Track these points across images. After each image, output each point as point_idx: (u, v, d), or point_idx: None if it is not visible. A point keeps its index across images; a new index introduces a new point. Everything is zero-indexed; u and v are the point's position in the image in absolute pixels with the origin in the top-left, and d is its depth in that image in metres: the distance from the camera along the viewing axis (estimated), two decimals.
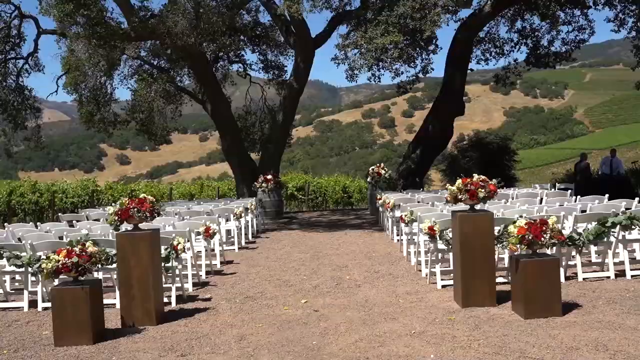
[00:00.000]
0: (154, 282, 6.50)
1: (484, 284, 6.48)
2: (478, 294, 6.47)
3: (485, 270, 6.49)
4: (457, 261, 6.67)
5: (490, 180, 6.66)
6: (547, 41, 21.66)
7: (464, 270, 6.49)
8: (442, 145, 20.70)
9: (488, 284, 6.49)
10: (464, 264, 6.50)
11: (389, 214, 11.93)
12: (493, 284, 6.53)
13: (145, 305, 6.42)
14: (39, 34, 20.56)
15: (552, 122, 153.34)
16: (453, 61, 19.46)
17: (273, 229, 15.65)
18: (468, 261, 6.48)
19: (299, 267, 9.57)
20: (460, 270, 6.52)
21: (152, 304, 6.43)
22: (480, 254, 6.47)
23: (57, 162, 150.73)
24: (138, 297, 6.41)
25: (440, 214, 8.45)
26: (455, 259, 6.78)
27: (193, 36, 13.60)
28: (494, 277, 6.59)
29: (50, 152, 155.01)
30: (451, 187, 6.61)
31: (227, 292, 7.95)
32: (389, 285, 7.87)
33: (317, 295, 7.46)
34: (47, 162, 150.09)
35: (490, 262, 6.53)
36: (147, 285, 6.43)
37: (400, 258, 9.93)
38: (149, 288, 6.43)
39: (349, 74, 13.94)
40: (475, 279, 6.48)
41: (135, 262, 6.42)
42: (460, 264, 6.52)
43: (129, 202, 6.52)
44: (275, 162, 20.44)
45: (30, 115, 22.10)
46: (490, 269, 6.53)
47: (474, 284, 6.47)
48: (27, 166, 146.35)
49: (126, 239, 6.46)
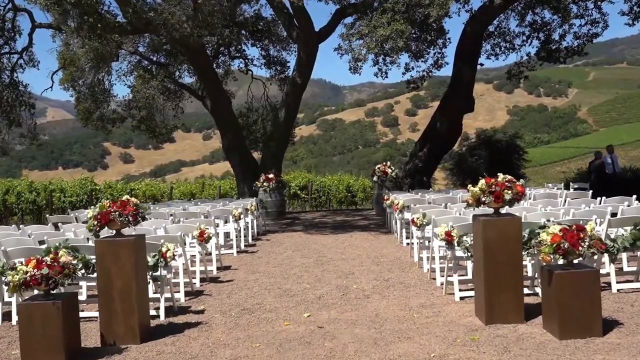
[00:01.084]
0: (138, 294, 5.77)
1: (511, 298, 5.73)
2: (504, 309, 5.72)
3: (512, 282, 5.74)
4: (479, 271, 5.92)
5: (517, 181, 5.91)
6: (559, 35, 20.88)
7: (488, 282, 5.74)
8: (451, 143, 19.94)
9: (515, 297, 5.74)
10: (487, 275, 5.75)
11: (398, 215, 11.18)
12: (521, 298, 5.78)
13: (128, 320, 5.69)
14: (34, 27, 19.83)
15: (556, 120, 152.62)
16: (462, 56, 18.69)
17: (275, 230, 14.92)
18: (492, 272, 5.74)
19: (302, 273, 8.83)
20: (483, 282, 5.77)
21: (136, 319, 5.70)
22: (507, 263, 5.73)
23: (61, 160, 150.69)
24: (120, 312, 5.69)
25: (456, 218, 7.70)
26: (477, 269, 6.03)
27: (189, 26, 12.85)
28: (522, 290, 5.85)
29: (54, 150, 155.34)
30: (473, 188, 5.86)
31: (222, 303, 7.21)
32: (400, 296, 7.13)
33: (321, 308, 6.72)
34: (51, 161, 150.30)
35: (517, 273, 5.78)
36: (130, 298, 5.71)
37: (411, 264, 9.18)
38: (132, 301, 5.70)
39: (352, 65, 13.16)
40: (500, 292, 5.73)
41: (117, 272, 5.69)
42: (484, 274, 5.77)
43: (109, 205, 5.78)
44: (278, 160, 19.71)
45: (25, 111, 21.35)
46: (518, 280, 5.79)
47: (499, 298, 5.72)
48: (30, 165, 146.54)
49: (106, 246, 5.72)
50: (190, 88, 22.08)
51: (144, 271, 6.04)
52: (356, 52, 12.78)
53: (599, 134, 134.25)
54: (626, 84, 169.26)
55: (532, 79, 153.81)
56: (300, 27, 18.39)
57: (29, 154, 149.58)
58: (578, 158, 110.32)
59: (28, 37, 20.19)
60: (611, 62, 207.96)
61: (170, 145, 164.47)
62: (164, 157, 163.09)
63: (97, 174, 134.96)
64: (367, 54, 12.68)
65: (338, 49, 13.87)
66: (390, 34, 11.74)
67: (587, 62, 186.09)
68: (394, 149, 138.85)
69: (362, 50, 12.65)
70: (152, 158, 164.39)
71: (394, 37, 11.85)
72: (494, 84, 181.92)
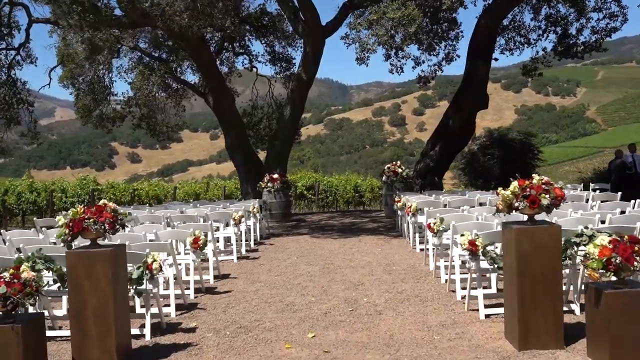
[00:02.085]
0: (116, 313, 4.99)
1: (549, 320, 4.91)
2: (540, 332, 4.91)
3: (551, 301, 4.92)
4: (511, 288, 5.11)
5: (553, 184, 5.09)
6: (576, 30, 19.97)
7: (522, 300, 4.93)
8: (464, 141, 19.08)
9: (554, 319, 4.92)
10: (521, 293, 4.93)
11: (410, 219, 10.37)
12: (560, 320, 4.96)
13: (104, 343, 4.92)
14: (30, 22, 19.15)
15: (564, 120, 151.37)
16: (476, 50, 17.82)
17: (279, 233, 14.15)
18: (527, 289, 4.92)
19: (307, 284, 8.03)
20: (516, 301, 4.96)
21: (113, 342, 4.93)
22: (544, 279, 4.91)
23: (69, 160, 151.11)
24: (94, 334, 4.92)
25: (478, 224, 6.90)
26: (508, 285, 5.22)
27: (187, 16, 12.09)
28: (562, 311, 5.03)
29: (62, 150, 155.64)
30: (504, 191, 5.04)
31: (216, 320, 6.43)
32: (417, 312, 6.32)
33: (327, 326, 5.93)
34: (59, 161, 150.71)
35: (556, 290, 4.96)
36: (107, 317, 4.93)
37: (426, 273, 8.36)
38: (108, 321, 4.93)
39: (359, 55, 12.32)
40: (536, 312, 4.91)
41: (91, 287, 4.92)
42: (517, 291, 4.95)
43: (83, 210, 5.01)
44: (283, 160, 18.90)
45: (24, 109, 20.67)
46: (557, 299, 4.97)
47: (535, 319, 4.91)
48: (39, 164, 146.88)
49: (78, 259, 4.95)
50: (192, 84, 21.36)
51: (123, 286, 5.27)
52: (364, 42, 11.93)
53: (607, 133, 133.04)
54: (635, 82, 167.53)
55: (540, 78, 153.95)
56: (306, 21, 17.62)
57: (38, 153, 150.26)
58: (586, 158, 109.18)
59: (25, 32, 19.52)
60: (620, 61, 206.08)
61: (177, 145, 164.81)
62: (172, 156, 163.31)
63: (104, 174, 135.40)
64: (375, 43, 11.83)
65: (345, 37, 13.05)
66: (401, 18, 10.88)
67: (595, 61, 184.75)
68: (401, 149, 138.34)
69: (370, 39, 11.80)
70: (160, 158, 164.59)
71: (405, 23, 11.00)
72: (501, 83, 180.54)
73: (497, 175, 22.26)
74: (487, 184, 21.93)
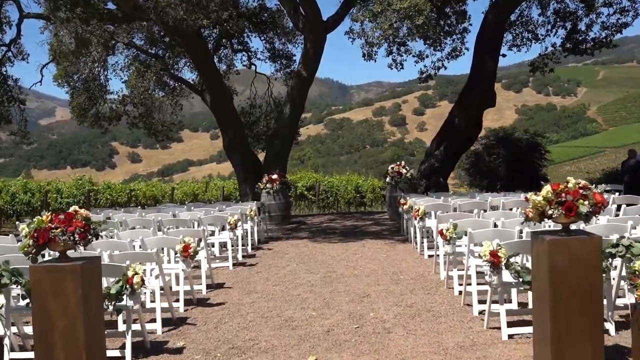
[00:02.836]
0: (87, 336, 4.33)
1: (587, 344, 4.24)
2: (578, 357, 4.25)
3: (590, 324, 4.26)
4: (542, 307, 4.45)
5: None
6: (585, 25, 19.31)
7: (556, 322, 4.27)
8: (470, 140, 18.43)
9: (594, 344, 4.25)
10: (555, 313, 4.27)
11: (418, 224, 9.70)
12: (600, 344, 4.29)
13: None
14: (22, 17, 18.49)
15: (565, 120, 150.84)
16: (483, 46, 17.19)
17: (278, 237, 13.50)
18: (562, 308, 4.26)
19: (307, 295, 7.37)
20: (549, 322, 4.29)
21: None
22: (582, 297, 4.24)
23: (69, 160, 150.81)
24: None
25: (497, 231, 6.24)
26: (538, 304, 4.56)
27: (182, 9, 11.43)
28: (602, 333, 4.37)
29: (62, 150, 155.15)
30: (535, 197, 4.37)
31: (207, 338, 5.77)
32: (430, 330, 5.66)
33: (330, 347, 5.27)
34: (60, 160, 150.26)
35: (597, 311, 4.30)
36: (77, 341, 4.26)
37: (437, 283, 7.70)
38: (79, 346, 4.26)
39: (366, 50, 11.65)
40: (573, 336, 4.24)
41: (59, 308, 4.25)
42: (550, 312, 4.29)
43: (51, 219, 4.35)
44: (282, 159, 18.27)
45: (15, 107, 20.02)
46: (597, 322, 4.30)
47: (572, 344, 4.24)
48: (39, 164, 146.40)
49: (44, 274, 4.29)
50: (189, 82, 20.73)
51: (97, 305, 4.60)
52: (369, 36, 11.27)
53: (608, 133, 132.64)
54: (636, 82, 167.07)
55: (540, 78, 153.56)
56: (307, 16, 17.01)
57: (38, 153, 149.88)
58: (587, 158, 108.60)
59: (16, 28, 18.88)
60: (621, 60, 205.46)
61: (178, 145, 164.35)
62: (172, 156, 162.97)
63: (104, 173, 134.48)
64: (381, 37, 11.16)
65: (349, 32, 12.39)
66: (407, 10, 10.21)
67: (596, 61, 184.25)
68: (401, 149, 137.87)
69: (375, 33, 11.14)
70: (160, 158, 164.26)
71: (412, 15, 10.33)
72: (502, 83, 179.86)
73: (503, 176, 21.64)
74: (493, 185, 21.29)
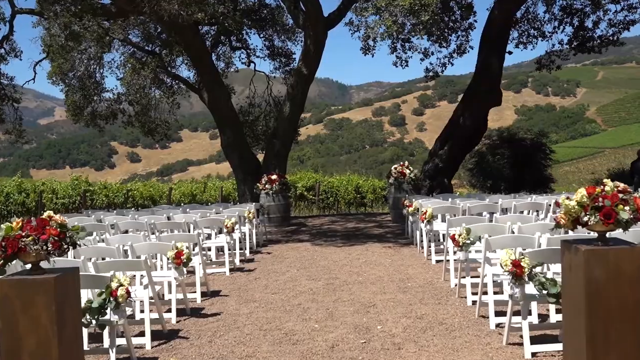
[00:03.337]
0: (62, 356, 3.83)
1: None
2: None
3: (630, 344, 3.77)
4: (575, 323, 3.96)
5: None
6: (592, 22, 18.85)
7: (592, 342, 3.78)
8: (475, 140, 17.94)
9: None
10: (591, 332, 3.78)
11: (425, 227, 9.21)
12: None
13: None
14: (14, 13, 18.01)
15: (564, 120, 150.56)
16: (488, 43, 16.71)
17: (277, 240, 13.00)
18: (599, 325, 3.77)
19: (309, 304, 6.88)
20: (585, 342, 3.80)
21: None
22: (622, 314, 3.76)
23: (68, 160, 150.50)
24: None
25: (517, 238, 5.75)
26: (570, 321, 4.07)
27: (176, 2, 10.94)
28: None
29: (62, 150, 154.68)
30: (568, 202, 3.88)
31: (199, 354, 5.28)
32: (444, 346, 5.16)
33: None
34: (59, 160, 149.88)
35: (637, 328, 3.81)
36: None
37: (447, 292, 7.21)
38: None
39: (365, 45, 11.15)
40: (611, 355, 3.77)
41: (28, 325, 3.76)
42: (585, 331, 3.80)
43: (21, 226, 3.85)
44: (282, 159, 17.76)
45: (8, 106, 19.54)
46: (637, 339, 3.82)
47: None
48: (38, 164, 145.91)
49: (12, 289, 3.79)
50: (185, 80, 20.24)
51: (74, 322, 4.10)
52: (370, 30, 10.76)
53: (607, 133, 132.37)
54: (635, 83, 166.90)
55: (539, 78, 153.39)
56: (307, 12, 16.51)
57: (37, 153, 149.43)
58: (587, 158, 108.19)
59: (8, 24, 18.39)
60: (620, 61, 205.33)
61: (177, 145, 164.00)
62: (171, 156, 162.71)
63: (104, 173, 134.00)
64: (384, 33, 10.66)
65: (349, 24, 11.90)
66: (412, 4, 9.71)
67: (595, 62, 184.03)
68: (401, 149, 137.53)
69: (377, 28, 10.64)
70: (159, 157, 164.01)
71: (417, 11, 9.83)
72: (501, 83, 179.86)
73: (508, 176, 21.20)
74: (497, 185, 20.84)
